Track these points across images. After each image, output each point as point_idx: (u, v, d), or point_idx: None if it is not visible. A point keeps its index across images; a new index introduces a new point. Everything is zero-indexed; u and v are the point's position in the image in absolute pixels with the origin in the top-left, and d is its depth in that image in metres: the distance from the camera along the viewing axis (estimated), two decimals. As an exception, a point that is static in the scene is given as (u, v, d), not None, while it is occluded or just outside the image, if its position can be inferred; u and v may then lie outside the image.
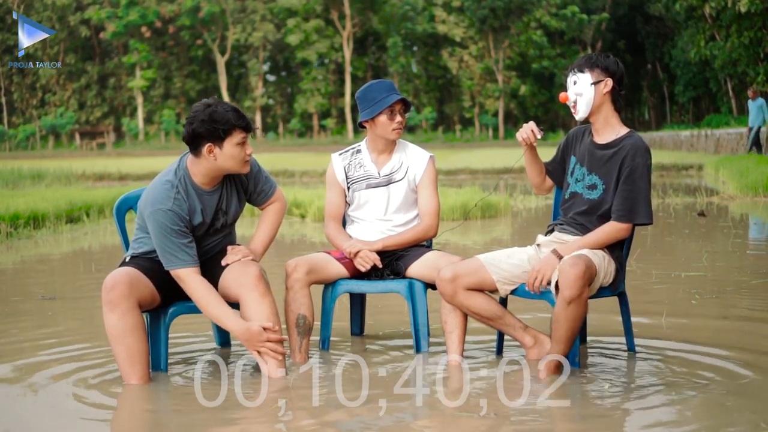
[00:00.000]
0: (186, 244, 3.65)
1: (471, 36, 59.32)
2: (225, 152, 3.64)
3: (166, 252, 3.64)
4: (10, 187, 16.65)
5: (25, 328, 4.98)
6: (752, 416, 3.07)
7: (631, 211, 3.71)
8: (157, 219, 3.63)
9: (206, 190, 3.75)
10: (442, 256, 4.08)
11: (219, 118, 3.61)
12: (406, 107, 4.22)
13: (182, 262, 3.64)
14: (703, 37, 36.64)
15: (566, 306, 3.49)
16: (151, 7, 57.42)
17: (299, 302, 3.98)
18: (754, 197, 13.39)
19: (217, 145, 3.63)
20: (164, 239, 3.63)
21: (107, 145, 54.76)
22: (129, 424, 3.24)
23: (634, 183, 3.70)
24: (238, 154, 3.67)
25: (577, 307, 3.49)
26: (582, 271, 3.47)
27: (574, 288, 3.46)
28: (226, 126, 3.61)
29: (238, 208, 3.89)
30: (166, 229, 3.63)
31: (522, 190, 16.62)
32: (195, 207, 3.72)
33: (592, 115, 3.82)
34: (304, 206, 12.28)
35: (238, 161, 3.68)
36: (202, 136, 3.62)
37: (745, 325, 4.65)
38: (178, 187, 3.69)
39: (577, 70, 3.80)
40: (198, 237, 3.79)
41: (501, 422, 3.07)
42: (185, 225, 3.67)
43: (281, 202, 4.02)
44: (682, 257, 7.35)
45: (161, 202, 3.65)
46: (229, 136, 3.63)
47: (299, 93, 59.56)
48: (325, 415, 3.18)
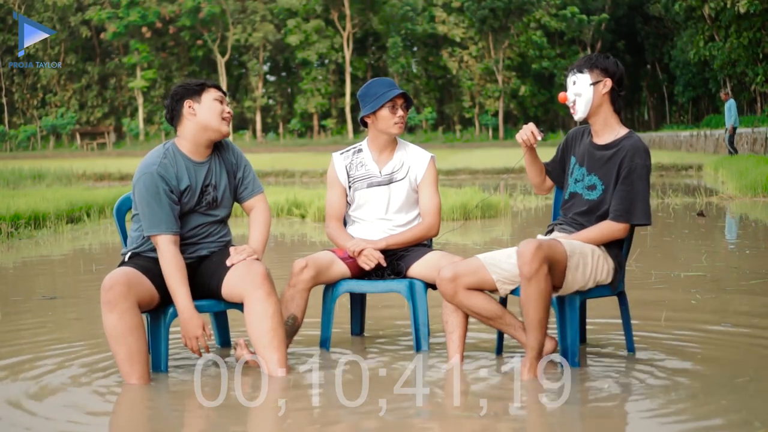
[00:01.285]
0: (168, 210, 3.73)
1: (471, 36, 59.36)
2: (204, 105, 3.83)
3: (148, 216, 3.73)
4: (10, 187, 16.67)
5: (25, 328, 4.98)
6: (748, 415, 3.07)
7: (629, 212, 3.71)
8: (145, 182, 3.74)
9: (195, 160, 3.85)
10: (442, 256, 4.09)
11: (191, 81, 3.90)
12: (407, 104, 4.24)
13: (160, 230, 3.71)
14: (702, 37, 36.67)
15: (527, 284, 3.50)
16: (151, 7, 57.45)
17: (296, 303, 4.00)
18: (754, 197, 13.40)
19: (195, 101, 3.83)
20: (149, 202, 3.72)
21: (108, 146, 54.78)
22: (129, 424, 3.24)
23: (633, 183, 3.71)
24: (217, 107, 3.83)
25: (537, 283, 3.48)
26: (535, 247, 3.47)
27: (532, 263, 3.46)
28: (199, 84, 3.86)
29: (227, 190, 3.93)
30: (152, 192, 3.72)
31: (522, 190, 16.62)
32: (182, 172, 3.81)
33: (590, 116, 3.83)
34: (304, 206, 12.28)
35: (216, 115, 3.83)
36: (180, 97, 3.83)
37: (744, 325, 4.66)
38: (167, 153, 3.82)
39: (577, 71, 3.82)
40: (186, 209, 3.82)
41: (501, 422, 3.07)
42: (171, 189, 3.75)
43: (266, 205, 4.08)
44: (682, 257, 7.36)
45: (149, 166, 3.77)
46: (205, 92, 3.85)
47: (299, 93, 59.61)
48: (325, 415, 3.18)
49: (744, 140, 25.65)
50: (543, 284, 3.51)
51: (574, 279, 3.65)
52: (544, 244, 3.52)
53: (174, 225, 3.74)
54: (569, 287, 3.67)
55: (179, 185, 3.79)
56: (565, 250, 3.60)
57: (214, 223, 3.94)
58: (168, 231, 3.72)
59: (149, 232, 3.73)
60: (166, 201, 3.72)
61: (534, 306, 3.52)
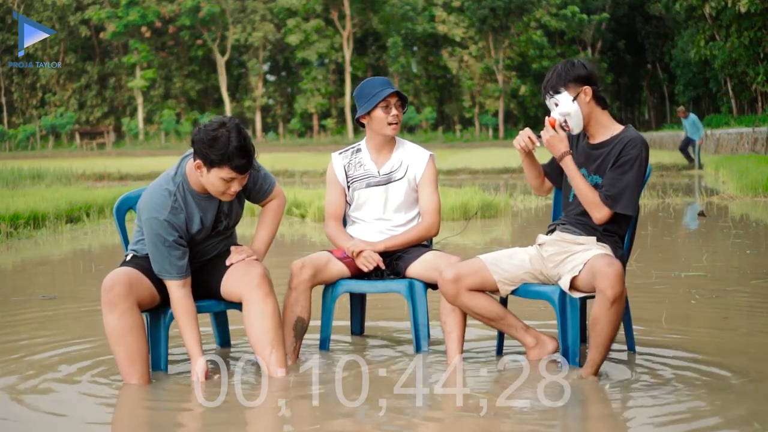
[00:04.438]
0: (178, 257, 3.65)
1: (471, 36, 59.31)
2: (209, 178, 3.59)
3: (157, 261, 3.66)
4: (10, 187, 16.66)
5: (25, 328, 4.98)
6: (748, 416, 3.07)
7: (613, 199, 3.69)
8: (153, 227, 3.63)
9: (205, 195, 3.73)
10: (441, 256, 4.08)
11: (218, 146, 3.50)
12: (402, 102, 4.21)
13: (170, 275, 3.65)
14: (703, 37, 36.66)
15: (609, 306, 3.44)
16: (151, 7, 57.41)
17: (301, 305, 3.99)
18: (754, 197, 13.40)
19: (205, 167, 3.58)
20: (157, 248, 3.64)
21: (107, 145, 54.76)
22: (129, 424, 3.24)
23: (624, 172, 3.68)
24: (220, 186, 3.59)
25: (619, 306, 3.46)
26: (620, 269, 3.45)
27: (617, 287, 3.42)
28: (218, 158, 3.51)
29: (239, 209, 3.89)
30: (160, 239, 3.63)
31: (522, 190, 16.62)
32: (193, 215, 3.71)
33: (585, 126, 3.81)
34: (304, 206, 12.28)
35: (217, 192, 3.63)
36: (196, 153, 3.58)
37: (744, 325, 4.65)
38: (176, 195, 3.67)
39: (553, 92, 3.75)
40: (198, 240, 3.79)
41: (501, 422, 3.07)
42: (180, 235, 3.67)
43: (280, 198, 4.01)
44: (682, 257, 7.35)
45: (158, 211, 3.64)
46: (217, 168, 3.55)
47: (299, 93, 59.57)
48: (325, 415, 3.18)
49: (744, 140, 25.66)
50: (623, 306, 3.50)
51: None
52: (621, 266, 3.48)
53: (183, 271, 3.66)
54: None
55: (190, 229, 3.71)
56: None
57: (224, 239, 3.93)
58: (178, 277, 3.66)
59: (158, 274, 3.67)
60: (174, 249, 3.64)
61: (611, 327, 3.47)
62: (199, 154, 3.55)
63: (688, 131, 21.66)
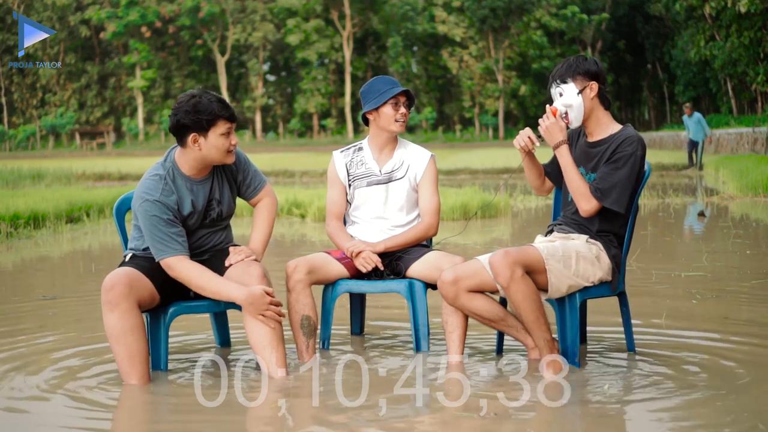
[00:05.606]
0: (175, 233, 3.68)
1: (471, 36, 59.35)
2: (209, 142, 3.67)
3: (156, 241, 3.67)
4: (10, 187, 16.65)
5: (25, 328, 4.98)
6: (750, 417, 3.07)
7: (603, 192, 3.69)
8: (146, 210, 3.67)
9: (196, 179, 3.78)
10: (442, 256, 4.08)
11: (203, 108, 3.64)
12: (410, 102, 4.24)
13: (172, 251, 3.66)
14: (703, 37, 36.64)
15: (509, 292, 3.57)
16: (151, 7, 57.44)
17: (302, 303, 3.98)
18: (754, 197, 13.39)
19: (201, 135, 3.66)
20: (154, 229, 3.66)
21: (107, 145, 54.79)
22: (129, 424, 3.24)
23: (617, 168, 3.69)
24: (222, 144, 3.70)
25: (516, 287, 3.55)
26: (502, 255, 3.56)
27: (504, 272, 3.54)
28: (209, 116, 3.64)
29: (231, 199, 3.91)
30: (155, 219, 3.66)
31: (522, 190, 16.62)
32: (184, 197, 3.75)
33: (584, 121, 3.81)
34: (304, 206, 12.28)
35: (222, 151, 3.71)
36: (187, 127, 3.65)
37: (745, 325, 4.65)
38: (166, 178, 3.73)
39: (560, 81, 3.78)
40: (191, 229, 3.80)
41: (501, 422, 3.06)
42: (174, 215, 3.70)
43: (272, 197, 4.05)
44: (682, 257, 7.35)
45: (149, 194, 3.68)
46: (213, 126, 3.66)
47: (299, 93, 59.59)
48: (325, 415, 3.18)
49: (744, 140, 25.65)
50: (522, 286, 3.55)
51: (559, 281, 3.65)
52: (511, 251, 3.59)
53: (182, 246, 3.68)
54: (556, 289, 3.66)
55: (182, 211, 3.74)
56: (540, 254, 3.61)
57: (218, 231, 3.94)
58: (177, 253, 3.67)
59: (159, 258, 3.68)
60: (172, 225, 3.67)
61: (524, 308, 3.58)
62: (190, 128, 3.64)
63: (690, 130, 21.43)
